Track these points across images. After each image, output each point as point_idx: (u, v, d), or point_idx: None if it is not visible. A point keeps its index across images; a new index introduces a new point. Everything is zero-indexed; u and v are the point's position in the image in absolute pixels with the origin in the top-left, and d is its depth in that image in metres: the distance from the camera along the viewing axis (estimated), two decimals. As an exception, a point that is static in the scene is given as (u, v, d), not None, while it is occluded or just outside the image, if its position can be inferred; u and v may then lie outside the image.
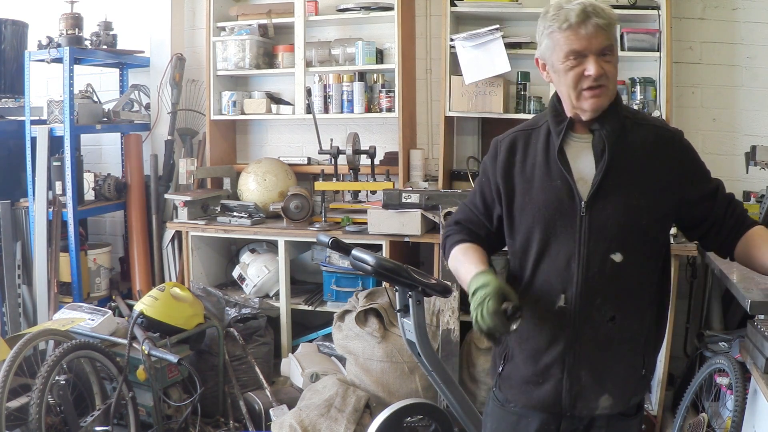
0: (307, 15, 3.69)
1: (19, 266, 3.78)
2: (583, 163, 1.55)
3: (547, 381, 1.57)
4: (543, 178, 1.57)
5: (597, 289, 1.51)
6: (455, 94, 3.47)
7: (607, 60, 1.49)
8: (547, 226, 1.55)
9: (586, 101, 1.50)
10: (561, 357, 1.55)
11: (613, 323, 1.52)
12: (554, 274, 1.54)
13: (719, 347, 2.84)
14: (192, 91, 4.19)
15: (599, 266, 1.51)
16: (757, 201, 3.18)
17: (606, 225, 1.51)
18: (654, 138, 1.57)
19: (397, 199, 3.22)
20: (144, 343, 2.81)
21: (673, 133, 1.61)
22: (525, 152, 1.62)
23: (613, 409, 1.56)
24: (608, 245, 1.51)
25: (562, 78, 1.52)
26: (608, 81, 1.50)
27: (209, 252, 3.88)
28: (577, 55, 1.47)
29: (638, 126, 1.58)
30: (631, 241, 1.51)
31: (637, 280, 1.54)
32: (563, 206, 1.53)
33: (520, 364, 1.62)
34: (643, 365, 1.59)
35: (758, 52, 3.39)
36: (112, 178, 4.02)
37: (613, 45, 1.50)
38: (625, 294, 1.53)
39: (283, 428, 2.72)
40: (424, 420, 2.51)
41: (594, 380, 1.54)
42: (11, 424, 2.60)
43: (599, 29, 1.45)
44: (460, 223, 1.72)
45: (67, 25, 3.68)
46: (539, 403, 1.59)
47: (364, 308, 3.03)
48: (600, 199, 1.51)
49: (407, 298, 1.84)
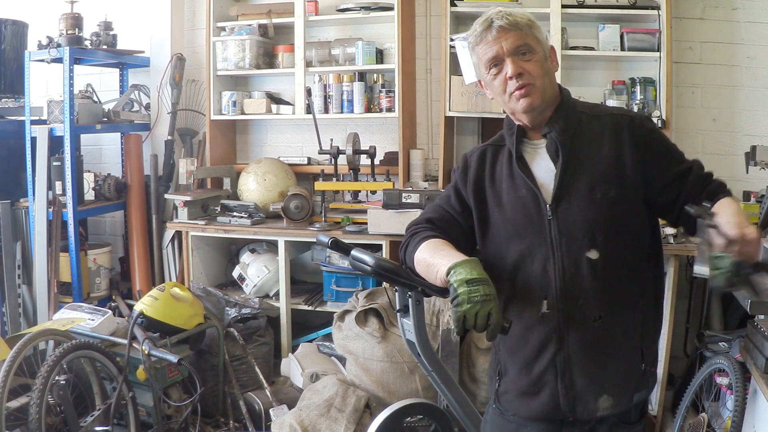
0: (307, 15, 3.69)
1: (19, 266, 3.78)
2: (543, 168, 1.57)
3: (542, 390, 1.55)
4: (509, 190, 1.59)
5: (577, 290, 1.50)
6: (455, 94, 3.47)
7: (527, 59, 1.51)
8: (519, 236, 1.56)
9: (517, 102, 1.53)
10: (552, 363, 1.53)
11: (600, 322, 1.50)
12: (533, 281, 1.53)
13: (719, 347, 2.84)
14: (192, 91, 4.19)
15: (575, 267, 1.50)
16: (757, 201, 3.18)
17: (574, 224, 1.50)
18: (611, 127, 1.55)
19: (397, 199, 3.22)
20: (144, 343, 2.81)
21: (631, 117, 1.58)
22: (493, 166, 1.64)
23: (615, 408, 1.53)
24: (580, 244, 1.50)
25: (493, 88, 1.57)
26: (534, 79, 1.51)
27: (209, 252, 3.88)
28: (496, 62, 1.52)
29: (595, 119, 1.58)
30: (604, 236, 1.49)
31: (619, 274, 1.51)
32: (531, 214, 1.54)
33: (514, 377, 1.61)
34: (642, 360, 1.56)
35: (758, 52, 3.39)
36: (112, 178, 4.02)
37: (530, 44, 1.52)
38: (609, 291, 1.50)
39: (283, 428, 2.72)
40: (424, 420, 2.50)
41: (590, 382, 1.52)
42: (11, 424, 2.60)
43: (504, 30, 1.50)
44: (433, 222, 1.66)
45: (67, 25, 3.68)
46: (540, 413, 1.57)
47: (364, 308, 3.03)
48: (563, 200, 1.52)
49: (407, 298, 1.83)
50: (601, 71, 3.58)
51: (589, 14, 3.36)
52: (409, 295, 1.83)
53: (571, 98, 1.63)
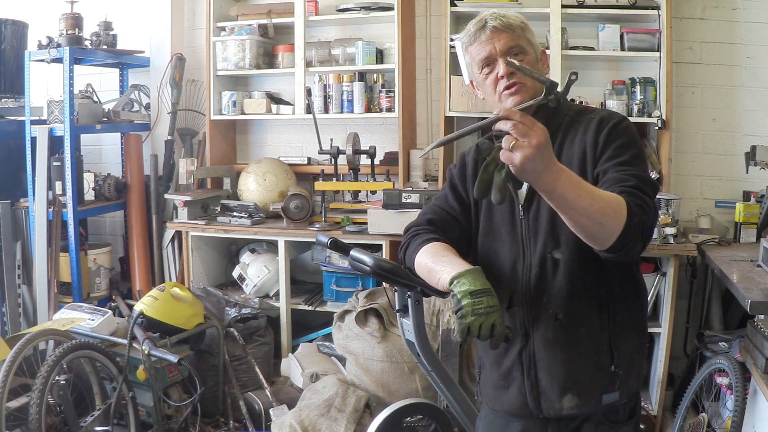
0: (307, 15, 3.69)
1: (19, 266, 3.78)
2: None
3: (511, 384, 1.58)
4: None
5: (542, 289, 1.51)
6: (455, 94, 3.47)
7: (519, 60, 1.52)
8: (495, 235, 1.59)
9: (506, 101, 1.54)
10: (519, 359, 1.56)
11: (562, 322, 1.51)
12: (502, 278, 1.56)
13: (719, 347, 2.84)
14: (192, 91, 4.19)
15: (540, 266, 1.52)
16: (757, 201, 3.18)
17: (541, 223, 1.53)
18: (584, 129, 1.55)
19: (397, 199, 3.22)
20: (144, 343, 2.81)
21: (602, 117, 1.54)
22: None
23: (581, 408, 1.52)
24: (546, 243, 1.52)
25: (484, 88, 1.60)
26: (524, 78, 1.52)
27: (209, 252, 3.88)
28: (489, 62, 1.55)
29: (575, 123, 1.58)
30: (566, 237, 1.49)
31: (583, 275, 1.50)
32: (506, 214, 1.58)
33: (489, 370, 1.65)
34: (611, 361, 1.53)
35: (758, 52, 3.39)
36: (112, 178, 4.02)
37: (522, 45, 1.55)
38: (570, 291, 1.50)
39: (283, 428, 2.72)
40: (424, 420, 2.51)
41: (552, 380, 1.52)
42: (11, 424, 2.60)
43: (498, 31, 1.53)
44: (434, 223, 1.66)
45: (67, 25, 3.68)
46: (510, 407, 1.60)
47: (364, 308, 3.03)
48: (534, 201, 1.54)
49: (406, 298, 1.84)
50: (601, 71, 3.58)
51: (589, 14, 3.36)
52: (408, 295, 1.83)
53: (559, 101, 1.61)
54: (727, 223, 3.40)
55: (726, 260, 2.78)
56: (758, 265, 2.64)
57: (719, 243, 3.11)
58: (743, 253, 2.90)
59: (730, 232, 3.33)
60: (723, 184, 3.49)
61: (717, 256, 2.86)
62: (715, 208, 3.46)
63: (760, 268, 2.61)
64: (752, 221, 3.13)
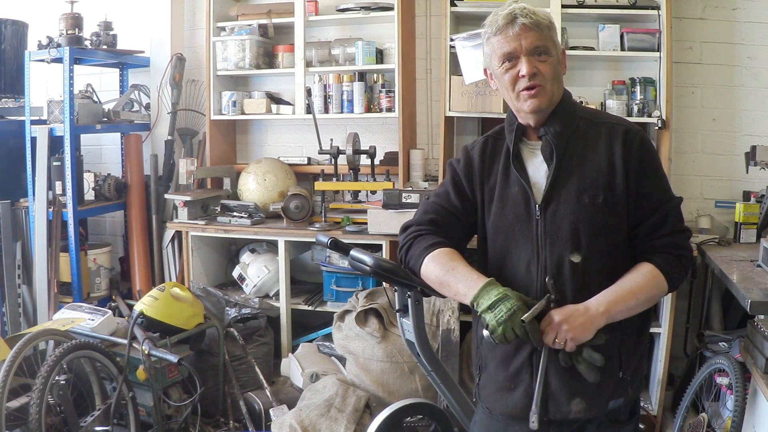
0: (307, 15, 3.69)
1: (19, 266, 3.78)
2: (537, 168, 1.59)
3: (518, 386, 1.56)
4: (502, 186, 1.60)
5: (558, 292, 1.49)
6: (455, 94, 3.47)
7: (542, 60, 1.52)
8: (507, 233, 1.58)
9: (525, 102, 1.54)
10: (528, 361, 1.54)
11: None
12: (516, 279, 1.55)
13: (719, 347, 2.84)
14: (192, 91, 4.19)
15: (557, 268, 1.51)
16: (757, 201, 3.18)
17: (560, 226, 1.51)
18: (607, 136, 1.56)
19: (397, 199, 3.22)
20: (144, 343, 2.81)
21: (627, 128, 1.58)
22: (492, 159, 1.66)
23: (588, 412, 1.52)
24: (564, 246, 1.51)
25: (501, 82, 1.57)
26: (545, 81, 1.52)
27: (209, 252, 3.88)
28: (511, 57, 1.53)
29: (594, 126, 1.59)
30: (587, 241, 1.50)
31: (599, 280, 1.50)
32: (520, 212, 1.56)
33: (493, 371, 1.63)
34: (620, 367, 1.54)
35: (758, 52, 3.39)
36: (112, 178, 4.02)
37: (548, 46, 1.54)
38: (588, 296, 1.49)
39: (283, 428, 2.72)
40: (424, 420, 2.51)
41: (562, 383, 1.52)
42: (11, 424, 2.60)
43: (526, 29, 1.51)
44: (437, 223, 1.65)
45: (67, 25, 3.68)
46: (513, 410, 1.57)
47: (364, 308, 3.03)
48: (552, 202, 1.53)
49: (406, 298, 1.84)
50: (601, 71, 3.58)
51: (589, 14, 3.36)
52: (408, 295, 1.83)
53: (572, 102, 1.63)
54: (727, 223, 3.40)
55: (726, 260, 2.78)
56: (758, 265, 2.64)
57: (719, 243, 3.11)
58: (743, 253, 2.90)
59: (730, 232, 3.33)
60: (723, 184, 3.49)
61: (717, 256, 2.86)
62: (715, 208, 3.46)
63: (760, 268, 2.61)
64: (752, 221, 3.13)
